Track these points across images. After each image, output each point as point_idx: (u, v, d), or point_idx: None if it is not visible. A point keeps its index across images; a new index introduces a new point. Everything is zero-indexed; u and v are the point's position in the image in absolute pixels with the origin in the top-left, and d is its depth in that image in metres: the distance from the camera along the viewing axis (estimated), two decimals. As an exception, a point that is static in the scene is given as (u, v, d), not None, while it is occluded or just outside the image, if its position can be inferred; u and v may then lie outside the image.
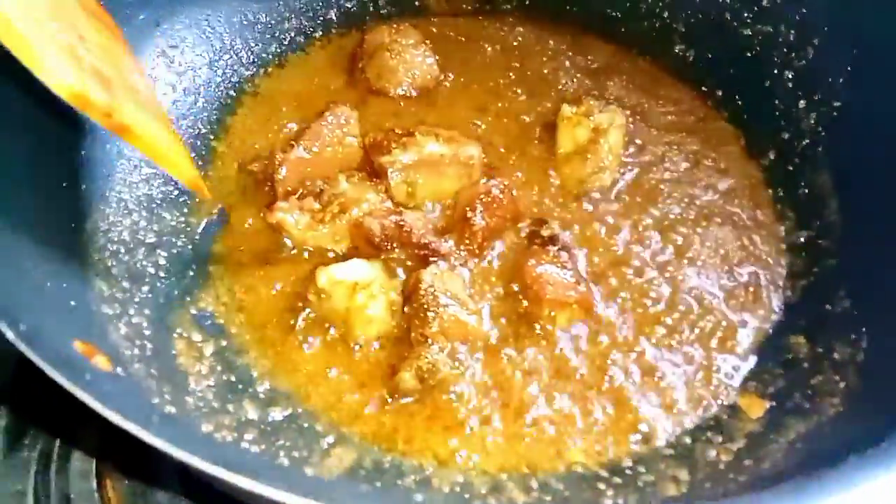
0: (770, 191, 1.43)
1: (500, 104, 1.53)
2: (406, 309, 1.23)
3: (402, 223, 1.28)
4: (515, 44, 1.64)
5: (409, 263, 1.30)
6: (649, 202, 1.41)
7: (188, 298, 1.24)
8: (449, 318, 1.20)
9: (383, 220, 1.28)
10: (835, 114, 1.40)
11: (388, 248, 1.29)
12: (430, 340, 1.18)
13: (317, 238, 1.30)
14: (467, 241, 1.31)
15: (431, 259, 1.28)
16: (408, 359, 1.17)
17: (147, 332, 1.14)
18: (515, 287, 1.28)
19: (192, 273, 1.28)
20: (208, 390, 1.12)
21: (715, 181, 1.44)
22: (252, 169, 1.40)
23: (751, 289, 1.31)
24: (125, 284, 1.18)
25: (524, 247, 1.33)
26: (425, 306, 1.20)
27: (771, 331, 1.26)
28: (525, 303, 1.26)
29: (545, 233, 1.33)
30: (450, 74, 1.56)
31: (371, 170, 1.38)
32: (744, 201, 1.42)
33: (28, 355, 0.81)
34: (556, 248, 1.31)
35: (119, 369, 0.99)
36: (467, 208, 1.32)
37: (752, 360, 1.24)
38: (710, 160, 1.47)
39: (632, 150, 1.47)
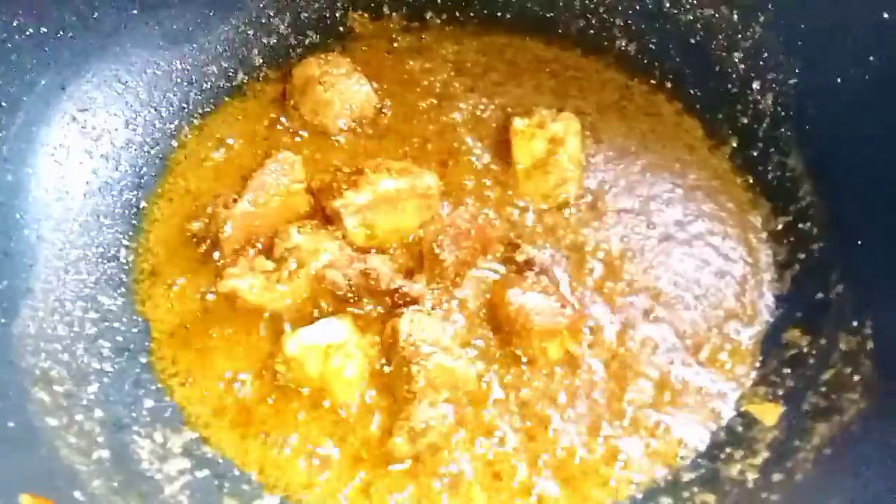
0: (739, 180, 1.38)
1: (448, 124, 1.44)
2: (385, 364, 1.13)
3: (367, 271, 1.18)
4: (453, 58, 1.55)
5: (380, 311, 1.20)
6: (619, 209, 1.34)
7: (141, 390, 1.11)
8: (434, 367, 1.10)
9: (346, 270, 1.18)
10: (792, 91, 1.35)
11: (356, 299, 1.18)
12: (417, 396, 1.08)
13: (274, 300, 1.19)
14: (439, 279, 1.21)
15: (404, 304, 1.18)
16: (398, 420, 1.07)
17: (101, 439, 1.01)
18: (497, 321, 1.19)
19: (143, 360, 1.15)
20: (183, 494, 0.99)
21: (682, 178, 1.38)
22: (192, 230, 1.28)
23: (738, 286, 1.25)
24: (69, 388, 1.05)
25: (501, 275, 1.24)
26: (408, 359, 1.10)
27: (769, 328, 1.20)
28: (510, 337, 1.17)
29: (520, 257, 1.24)
30: (388, 101, 1.46)
31: (324, 216, 1.27)
32: (714, 195, 1.36)
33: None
34: (534, 272, 1.22)
35: (77, 493, 0.86)
36: (433, 244, 1.22)
37: (756, 363, 1.18)
38: (673, 156, 1.41)
39: (590, 155, 1.40)
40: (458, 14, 1.59)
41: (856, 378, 1.05)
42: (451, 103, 1.47)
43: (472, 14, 1.58)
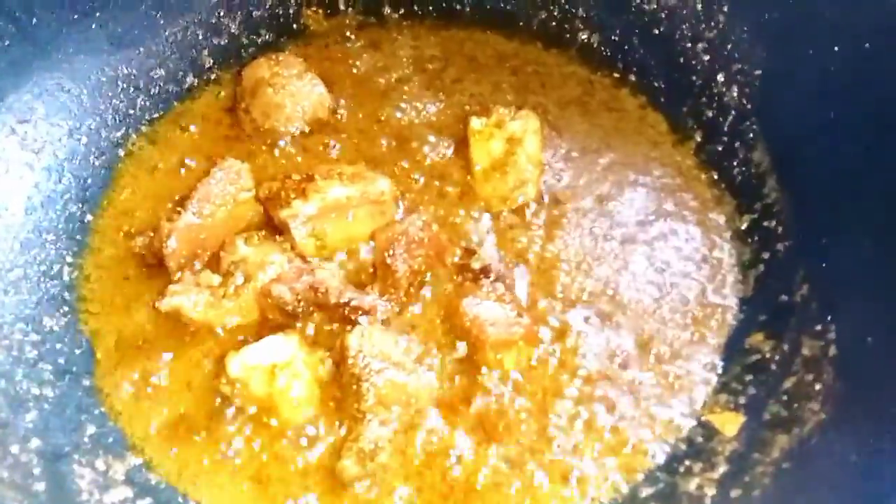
0: (704, 176, 1.34)
1: (403, 124, 1.39)
2: (335, 381, 1.10)
3: (315, 284, 1.14)
4: (410, 55, 1.50)
5: (326, 325, 1.16)
6: (579, 210, 1.30)
7: (84, 415, 1.08)
8: (385, 384, 1.07)
9: (293, 284, 1.14)
10: (757, 83, 1.31)
11: (305, 314, 1.14)
12: (367, 416, 1.05)
13: (221, 316, 1.15)
14: (392, 290, 1.18)
15: (356, 318, 1.14)
16: (346, 442, 1.04)
17: (37, 471, 0.97)
18: (453, 332, 1.16)
19: (86, 382, 1.12)
20: (124, 526, 0.97)
21: (645, 175, 1.34)
22: (135, 245, 1.23)
23: (701, 289, 1.22)
24: (5, 416, 1.01)
25: (456, 283, 1.20)
26: (357, 377, 1.07)
27: (731, 332, 1.17)
28: (466, 348, 1.14)
29: (475, 264, 1.21)
30: (342, 101, 1.42)
31: (273, 226, 1.23)
32: (677, 192, 1.32)
33: None
34: (489, 279, 1.19)
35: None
36: (385, 253, 1.18)
37: (718, 369, 1.14)
38: (637, 153, 1.37)
39: (551, 154, 1.35)
40: (416, 8, 1.54)
41: (817, 386, 1.02)
42: (408, 103, 1.42)
43: (430, 8, 1.53)
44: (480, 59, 1.49)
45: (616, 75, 1.46)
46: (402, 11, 1.53)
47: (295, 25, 1.51)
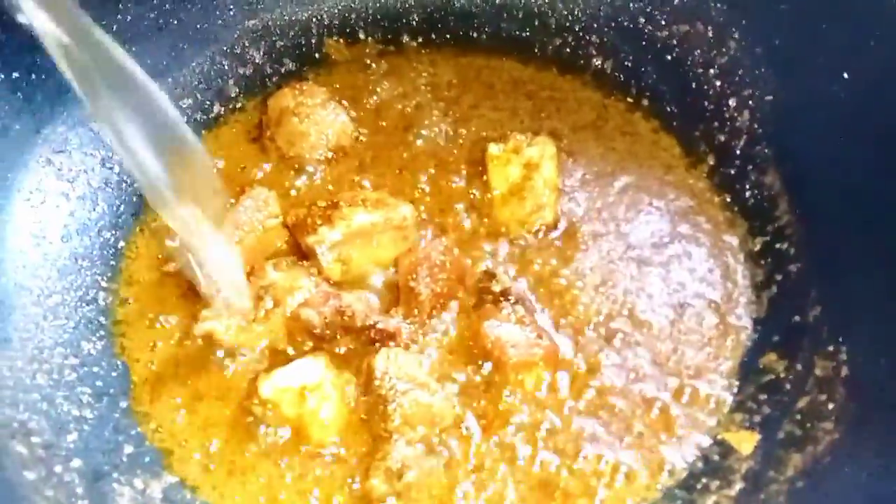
0: (717, 199, 1.37)
1: (422, 151, 1.44)
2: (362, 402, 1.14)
3: (342, 309, 1.18)
4: (429, 82, 1.54)
5: (353, 347, 1.20)
6: (595, 233, 1.33)
7: (121, 436, 1.12)
8: (411, 404, 1.11)
9: (321, 309, 1.18)
10: (768, 108, 1.34)
11: (332, 337, 1.19)
12: (394, 435, 1.09)
13: (252, 340, 1.19)
14: (416, 314, 1.22)
15: (381, 340, 1.18)
16: (374, 461, 1.08)
17: (80, 490, 1.02)
18: (475, 353, 1.20)
19: (122, 404, 1.16)
20: (163, 544, 1.01)
21: (659, 199, 1.37)
22: (168, 270, 1.28)
23: (716, 310, 1.25)
24: (48, 438, 1.06)
25: (477, 306, 1.24)
26: (384, 398, 1.11)
27: (746, 353, 1.20)
28: (488, 369, 1.18)
29: (496, 287, 1.25)
30: (364, 130, 1.46)
31: (300, 251, 1.28)
32: (691, 215, 1.36)
33: None
34: (510, 302, 1.23)
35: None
36: (409, 278, 1.22)
37: (733, 388, 1.18)
38: (651, 176, 1.40)
39: (567, 178, 1.39)
40: (433, 36, 1.58)
41: (830, 406, 1.05)
42: (427, 129, 1.47)
43: (447, 36, 1.58)
44: (497, 86, 1.53)
45: (629, 100, 1.49)
46: (420, 40, 1.58)
47: (317, 55, 1.56)
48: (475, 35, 1.58)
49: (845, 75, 1.22)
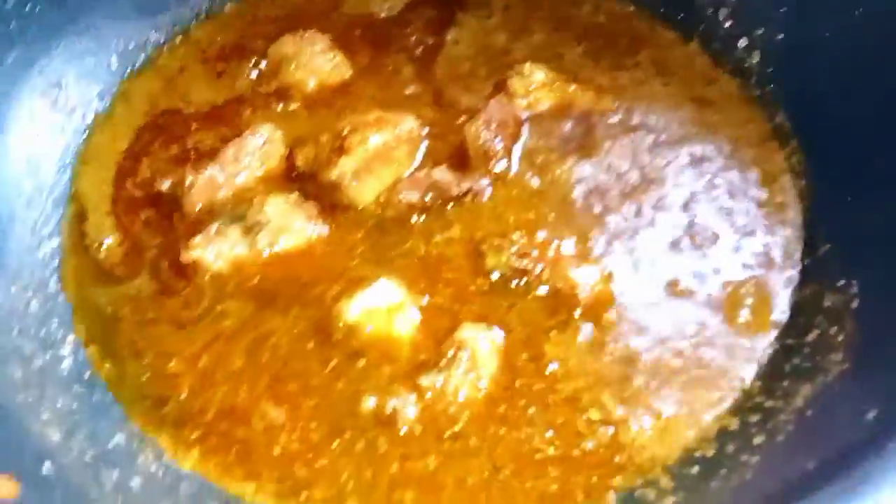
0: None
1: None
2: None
3: (439, 183, 1.20)
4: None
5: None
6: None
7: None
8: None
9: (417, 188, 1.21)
10: (779, 48, 1.32)
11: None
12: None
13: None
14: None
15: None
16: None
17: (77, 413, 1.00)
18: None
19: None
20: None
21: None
22: (160, 188, 1.24)
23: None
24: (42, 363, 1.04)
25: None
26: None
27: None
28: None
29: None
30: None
31: (303, 191, 1.23)
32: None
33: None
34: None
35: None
36: (479, 141, 1.23)
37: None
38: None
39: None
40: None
41: (840, 338, 1.03)
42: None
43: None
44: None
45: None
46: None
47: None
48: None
49: (856, 12, 1.20)
